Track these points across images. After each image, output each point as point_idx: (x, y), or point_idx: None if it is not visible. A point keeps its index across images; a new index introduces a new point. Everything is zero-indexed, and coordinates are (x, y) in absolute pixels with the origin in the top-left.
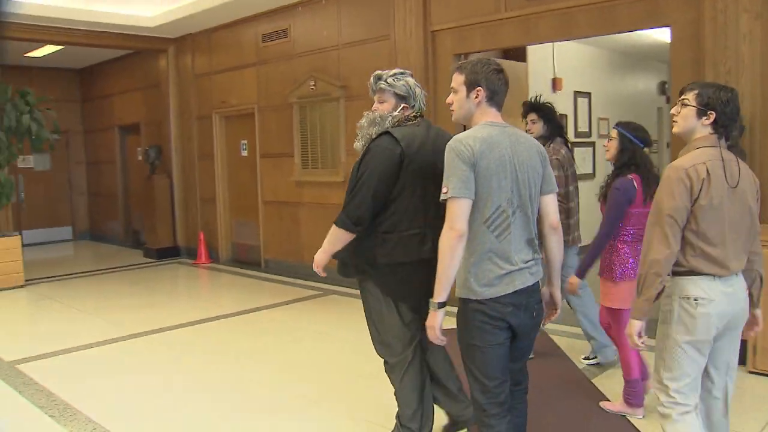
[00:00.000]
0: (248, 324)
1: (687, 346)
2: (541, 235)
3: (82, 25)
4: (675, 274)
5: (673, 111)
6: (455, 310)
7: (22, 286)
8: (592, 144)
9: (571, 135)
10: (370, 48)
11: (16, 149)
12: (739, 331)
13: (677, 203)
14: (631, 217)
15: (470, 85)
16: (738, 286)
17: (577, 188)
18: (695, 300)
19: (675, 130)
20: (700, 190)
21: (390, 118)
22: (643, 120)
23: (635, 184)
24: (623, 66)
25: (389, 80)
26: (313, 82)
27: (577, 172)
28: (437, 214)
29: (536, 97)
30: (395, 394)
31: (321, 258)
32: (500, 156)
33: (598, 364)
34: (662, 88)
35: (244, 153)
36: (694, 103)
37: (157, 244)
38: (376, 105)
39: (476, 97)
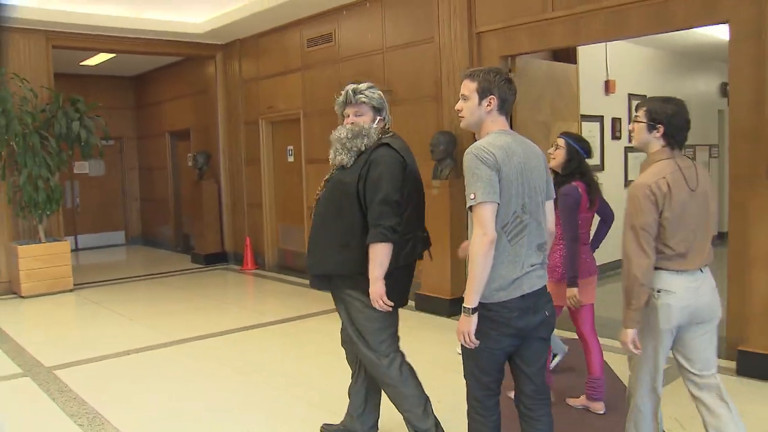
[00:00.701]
0: (290, 333)
1: (647, 335)
2: None
3: (133, 33)
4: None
5: (630, 127)
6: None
7: (70, 291)
8: None
9: (625, 139)
10: (415, 51)
11: (66, 156)
12: (712, 326)
13: (647, 218)
14: (578, 221)
15: (483, 93)
16: (703, 281)
17: None
18: (658, 291)
19: (633, 144)
20: (664, 203)
21: (373, 131)
22: (703, 122)
23: (580, 191)
24: (681, 67)
25: (367, 93)
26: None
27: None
28: (422, 220)
29: None
30: (399, 399)
31: (377, 287)
32: (517, 163)
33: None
34: (724, 90)
35: (290, 158)
36: (643, 119)
37: (205, 249)
38: (352, 118)
39: (488, 105)
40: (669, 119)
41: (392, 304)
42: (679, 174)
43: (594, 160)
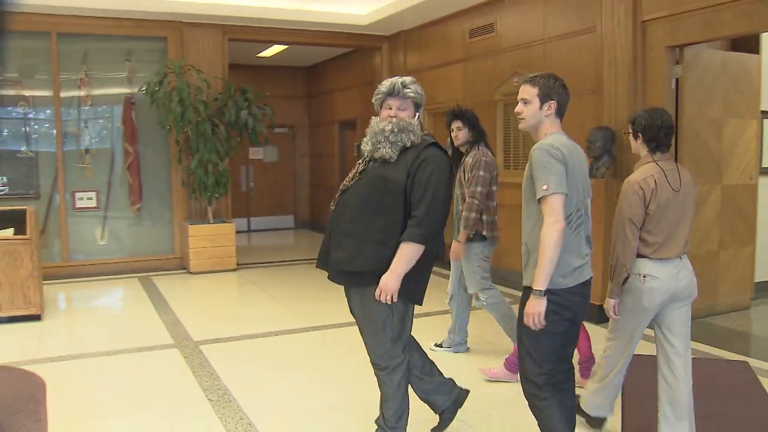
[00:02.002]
0: (425, 328)
1: (632, 311)
2: None
3: (303, 26)
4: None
5: (625, 136)
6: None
7: (234, 270)
8: None
9: None
10: (575, 42)
11: (235, 142)
12: (688, 304)
13: (634, 210)
14: None
15: (544, 98)
16: (682, 267)
17: (496, 189)
18: (644, 276)
19: (632, 151)
20: (651, 197)
21: (417, 127)
22: None
23: None
24: None
25: (413, 88)
26: (516, 79)
27: None
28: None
29: (458, 105)
30: (387, 399)
31: (396, 284)
32: (577, 161)
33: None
34: None
35: (450, 150)
36: (630, 130)
37: None
38: (394, 110)
39: (549, 110)
40: (644, 128)
41: (396, 300)
42: (663, 175)
43: None
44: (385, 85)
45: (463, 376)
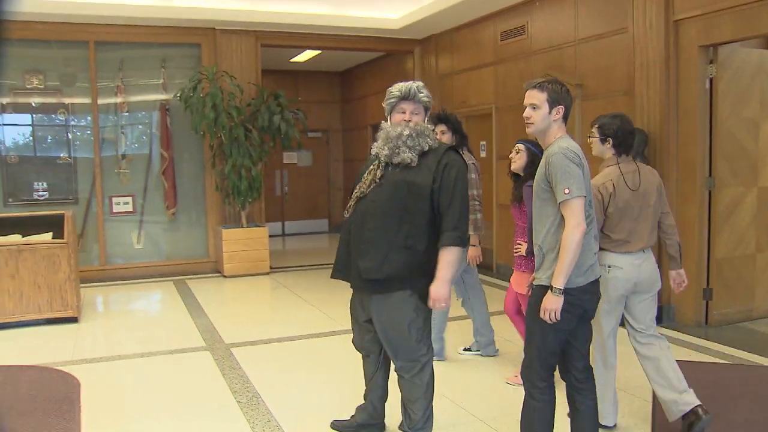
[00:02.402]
0: (458, 332)
1: (603, 301)
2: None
3: (335, 30)
4: (600, 249)
5: (589, 140)
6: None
7: (266, 273)
8: None
9: None
10: (607, 43)
11: (268, 147)
12: (652, 294)
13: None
14: None
15: (552, 103)
16: (645, 259)
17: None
18: (608, 266)
19: (593, 154)
20: (609, 201)
21: (431, 132)
22: None
23: None
24: None
25: (426, 93)
26: None
27: None
28: None
29: (443, 109)
30: (417, 401)
31: (447, 291)
32: (586, 163)
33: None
34: None
35: (483, 154)
36: (596, 135)
37: None
38: (408, 115)
39: (557, 114)
40: (615, 133)
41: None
42: (621, 178)
43: None
44: (398, 88)
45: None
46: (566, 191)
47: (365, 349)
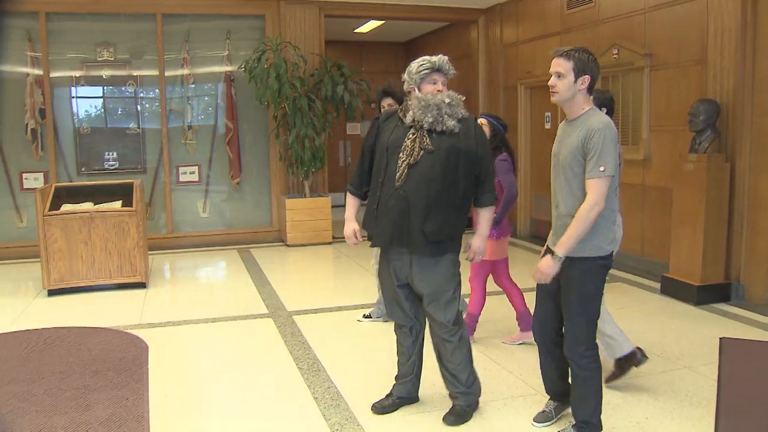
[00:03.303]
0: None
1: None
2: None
3: (399, 0)
4: None
5: None
6: None
7: (329, 243)
8: None
9: None
10: (679, 10)
11: (332, 117)
12: None
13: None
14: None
15: (578, 72)
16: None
17: None
18: None
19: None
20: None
21: (462, 102)
22: None
23: (509, 159)
24: None
25: (452, 66)
26: (616, 51)
27: None
28: None
29: (389, 83)
30: (462, 359)
31: (485, 245)
32: None
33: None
34: None
35: (547, 125)
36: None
37: None
38: (439, 85)
39: (582, 84)
40: (609, 103)
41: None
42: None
43: None
44: (430, 61)
45: None
46: (601, 168)
47: (403, 319)
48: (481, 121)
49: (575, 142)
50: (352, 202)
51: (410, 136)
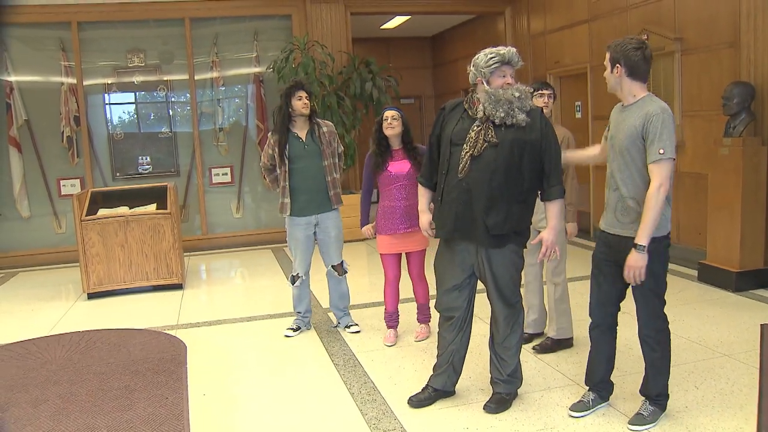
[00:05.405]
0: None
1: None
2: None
3: None
4: None
5: None
6: None
7: (362, 240)
8: None
9: None
10: None
11: (361, 114)
12: None
13: None
14: None
15: (613, 62)
16: None
17: None
18: None
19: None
20: None
21: (529, 94)
22: None
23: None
24: None
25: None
26: (645, 36)
27: None
28: None
29: (301, 78)
30: (513, 346)
31: (557, 238)
32: None
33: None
34: None
35: (578, 115)
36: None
37: None
38: (508, 78)
39: (617, 73)
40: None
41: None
42: None
43: None
44: (500, 53)
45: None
46: (661, 151)
47: (456, 308)
48: (394, 113)
49: (634, 128)
50: (424, 193)
51: (474, 128)
